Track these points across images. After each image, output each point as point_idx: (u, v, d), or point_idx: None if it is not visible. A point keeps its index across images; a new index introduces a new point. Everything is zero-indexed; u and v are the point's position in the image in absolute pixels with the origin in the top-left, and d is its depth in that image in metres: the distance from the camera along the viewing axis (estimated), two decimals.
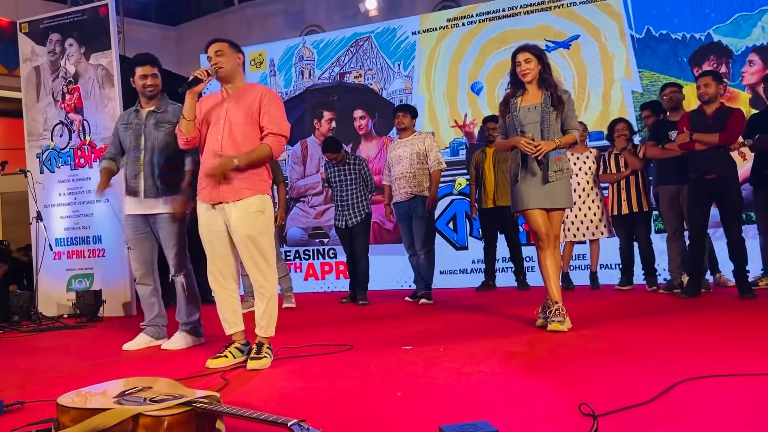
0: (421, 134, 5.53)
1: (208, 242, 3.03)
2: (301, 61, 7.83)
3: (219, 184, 2.94)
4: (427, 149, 5.34)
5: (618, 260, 5.64)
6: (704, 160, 4.47)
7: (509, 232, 6.03)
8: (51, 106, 6.06)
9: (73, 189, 5.94)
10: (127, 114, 3.73)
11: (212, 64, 3.01)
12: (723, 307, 4.15)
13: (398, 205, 5.42)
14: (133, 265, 3.75)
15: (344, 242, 5.73)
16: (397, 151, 5.46)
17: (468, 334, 3.55)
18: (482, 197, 6.01)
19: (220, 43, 3.06)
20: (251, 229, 2.94)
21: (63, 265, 5.89)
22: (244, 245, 2.95)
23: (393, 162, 5.46)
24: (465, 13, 7.17)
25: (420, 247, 5.32)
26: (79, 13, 6.08)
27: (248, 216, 2.95)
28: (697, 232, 4.60)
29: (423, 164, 5.33)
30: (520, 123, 3.59)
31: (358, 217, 5.53)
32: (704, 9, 6.09)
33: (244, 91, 3.05)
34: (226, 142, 2.96)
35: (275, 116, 3.00)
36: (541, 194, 3.57)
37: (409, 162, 5.32)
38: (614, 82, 6.42)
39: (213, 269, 3.04)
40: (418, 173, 5.32)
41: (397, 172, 5.39)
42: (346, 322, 4.47)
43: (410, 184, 5.32)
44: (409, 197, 5.32)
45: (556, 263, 3.64)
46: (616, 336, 3.23)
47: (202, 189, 3.03)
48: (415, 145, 5.36)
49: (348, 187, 5.56)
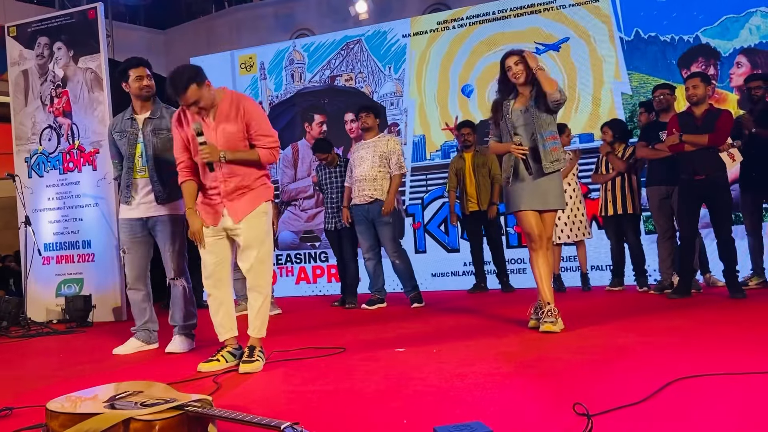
0: (386, 136, 5.38)
1: (208, 246, 3.01)
2: (292, 64, 7.82)
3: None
4: (389, 152, 5.18)
5: (609, 261, 5.67)
6: (693, 160, 4.50)
7: (492, 235, 6.06)
8: (39, 110, 6.01)
9: (62, 193, 5.90)
10: (121, 121, 3.67)
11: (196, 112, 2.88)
12: (713, 307, 4.17)
13: (357, 207, 5.24)
14: (127, 269, 3.72)
15: (333, 245, 5.73)
16: (359, 152, 5.27)
17: (460, 335, 3.55)
18: (464, 202, 6.03)
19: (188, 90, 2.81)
20: (256, 230, 2.95)
21: (52, 270, 5.84)
22: (249, 247, 2.94)
23: (355, 163, 5.27)
24: (455, 16, 7.19)
25: (392, 253, 5.20)
26: (68, 17, 6.04)
27: (253, 218, 2.95)
28: (686, 233, 4.62)
29: (385, 167, 5.18)
30: (513, 125, 3.60)
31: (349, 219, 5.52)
32: (692, 11, 6.14)
33: (222, 107, 2.93)
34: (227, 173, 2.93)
35: (264, 127, 2.97)
36: (533, 196, 3.58)
37: (371, 164, 5.15)
38: (604, 84, 6.46)
39: (211, 273, 3.02)
40: (379, 176, 5.16)
41: (358, 174, 5.20)
42: (337, 325, 4.45)
43: (371, 187, 5.16)
44: (369, 201, 5.17)
45: (549, 264, 3.65)
46: (608, 336, 3.24)
47: (206, 215, 3.00)
48: (378, 146, 5.20)
49: (339, 189, 5.56)
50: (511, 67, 3.61)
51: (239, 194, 2.96)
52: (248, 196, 2.98)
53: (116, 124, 3.70)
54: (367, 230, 5.25)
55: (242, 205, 2.96)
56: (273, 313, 5.29)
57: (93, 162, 5.79)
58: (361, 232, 5.30)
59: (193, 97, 2.83)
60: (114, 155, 3.72)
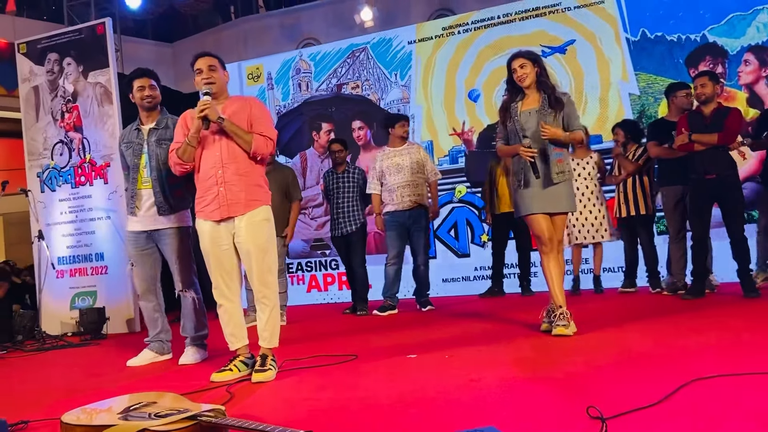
0: (415, 145, 5.59)
1: (213, 258, 3.02)
2: (299, 73, 7.86)
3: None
4: (423, 159, 5.43)
5: (621, 263, 5.63)
6: (704, 160, 4.47)
7: (521, 239, 6.03)
8: (50, 125, 6.08)
9: (74, 207, 5.95)
10: (128, 132, 3.71)
11: (205, 78, 2.99)
12: (728, 307, 4.13)
13: (396, 213, 5.33)
14: (136, 282, 3.74)
15: (341, 252, 5.74)
16: (393, 159, 5.38)
17: (472, 340, 3.53)
18: (495, 203, 6.02)
19: (212, 57, 3.07)
20: (260, 239, 2.96)
21: (66, 284, 5.88)
22: (252, 256, 2.95)
23: (390, 171, 5.36)
24: (460, 21, 7.20)
25: (422, 260, 5.41)
26: (77, 33, 6.12)
27: (256, 225, 2.97)
28: (699, 233, 4.58)
29: (422, 173, 5.39)
30: (521, 128, 3.59)
31: (354, 226, 5.53)
32: (698, 10, 6.11)
33: (231, 104, 3.05)
34: (226, 157, 2.96)
35: (265, 123, 3.06)
36: (544, 199, 3.56)
37: (410, 171, 5.34)
38: (611, 85, 6.43)
39: (219, 283, 3.03)
40: (419, 182, 5.37)
41: (398, 181, 5.33)
42: (349, 332, 4.45)
43: (415, 192, 5.33)
44: (412, 206, 5.32)
45: (560, 267, 3.63)
46: (621, 339, 3.22)
47: (205, 206, 3.01)
48: (412, 154, 5.40)
49: (345, 195, 5.55)
50: (516, 70, 3.61)
51: (237, 180, 2.95)
52: (247, 185, 2.97)
53: (124, 135, 3.73)
54: (399, 237, 5.36)
55: (241, 193, 2.94)
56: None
57: (104, 175, 5.84)
58: (393, 237, 5.37)
59: (214, 64, 3.03)
60: (124, 166, 3.75)
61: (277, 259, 3.09)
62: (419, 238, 5.36)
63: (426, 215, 5.44)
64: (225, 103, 3.04)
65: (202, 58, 3.04)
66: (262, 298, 2.98)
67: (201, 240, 3.06)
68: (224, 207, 2.95)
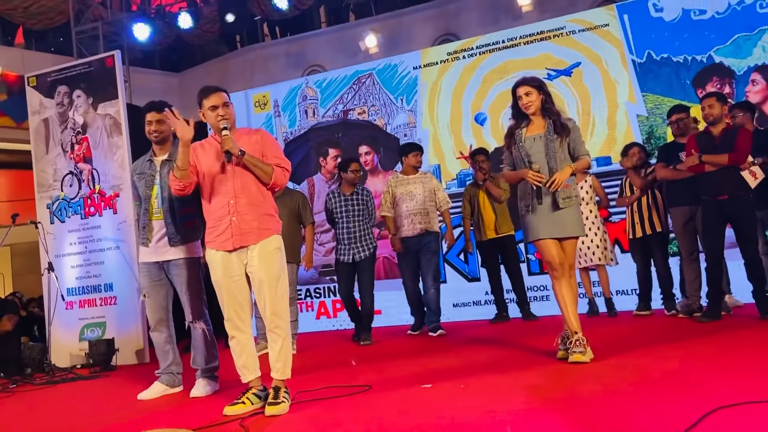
0: (427, 174, 5.83)
1: (225, 289, 3.00)
2: (305, 100, 7.91)
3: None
4: (435, 188, 5.66)
5: (635, 285, 5.56)
6: (715, 181, 4.44)
7: (509, 263, 5.97)
8: (60, 156, 6.12)
9: (83, 238, 5.96)
10: (141, 163, 3.74)
11: (221, 114, 3.00)
12: (746, 330, 4.06)
13: (407, 240, 5.55)
14: (149, 313, 3.72)
15: (346, 278, 5.46)
16: (407, 187, 5.63)
17: (487, 368, 3.48)
18: (481, 229, 5.98)
19: (224, 93, 3.06)
20: (273, 268, 2.96)
21: (75, 315, 5.87)
22: (265, 285, 2.94)
23: (403, 198, 5.60)
24: (465, 46, 7.25)
25: (432, 283, 5.49)
26: (86, 65, 6.19)
27: (269, 254, 2.96)
28: (713, 255, 4.53)
29: (432, 202, 5.62)
30: (526, 153, 3.58)
31: (367, 252, 5.39)
32: (703, 31, 6.13)
33: (240, 137, 3.07)
34: (238, 188, 2.98)
35: (278, 154, 3.10)
36: (552, 224, 3.53)
37: (423, 199, 5.56)
38: (618, 107, 6.43)
39: (231, 315, 3.01)
40: (430, 210, 5.59)
41: (410, 209, 5.56)
42: (361, 360, 4.40)
43: (424, 220, 5.53)
44: (422, 232, 5.51)
45: (573, 292, 3.58)
46: (640, 365, 3.16)
47: (217, 236, 3.01)
48: (425, 183, 5.64)
49: (355, 219, 5.39)
50: (521, 97, 3.61)
51: (250, 210, 2.96)
52: (259, 215, 2.98)
53: (137, 167, 3.76)
54: (411, 263, 5.57)
55: (253, 222, 2.95)
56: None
57: (113, 205, 5.85)
58: (408, 263, 5.60)
59: (224, 99, 3.03)
60: (135, 197, 3.78)
61: (288, 288, 3.07)
62: (428, 261, 5.47)
63: (435, 240, 5.57)
64: (235, 136, 3.05)
65: (215, 93, 3.04)
66: (274, 328, 2.95)
67: (212, 271, 3.05)
68: (237, 236, 2.95)
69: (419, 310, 5.71)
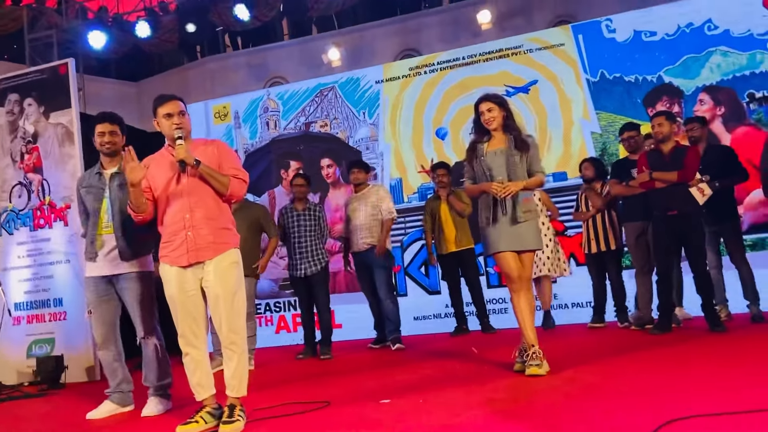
0: (374, 186, 5.86)
1: (180, 304, 2.92)
2: (266, 112, 7.86)
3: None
4: (380, 200, 5.63)
5: (589, 297, 5.67)
6: (665, 197, 4.58)
7: (469, 276, 6.03)
8: (9, 167, 5.91)
9: (32, 251, 5.74)
10: (89, 176, 3.62)
11: (177, 123, 2.93)
12: (696, 343, 4.18)
13: (358, 255, 5.65)
14: (95, 330, 3.59)
15: (301, 293, 5.55)
16: (353, 204, 5.73)
17: (446, 382, 3.49)
18: (442, 243, 6.01)
19: (180, 102, 3.00)
20: (229, 282, 2.90)
21: (23, 331, 5.64)
22: (221, 300, 2.87)
23: (351, 215, 5.71)
24: (426, 62, 7.33)
25: (385, 295, 5.54)
26: (39, 73, 6.00)
27: (225, 269, 2.90)
28: (663, 268, 4.67)
29: (378, 215, 5.60)
30: (488, 167, 3.63)
31: (318, 266, 5.40)
32: (654, 52, 6.35)
33: (196, 147, 2.99)
34: (194, 201, 2.91)
35: (236, 165, 3.05)
36: (511, 237, 3.59)
37: (365, 214, 5.59)
38: (573, 124, 6.59)
39: (185, 332, 2.94)
40: (374, 224, 5.58)
41: (357, 224, 5.62)
42: (319, 376, 4.36)
43: (368, 234, 5.57)
44: (368, 247, 5.56)
45: (531, 305, 3.64)
46: (595, 377, 3.22)
47: (172, 251, 2.93)
48: (368, 197, 5.66)
49: (306, 234, 5.42)
50: (483, 113, 3.67)
51: (206, 224, 2.89)
52: (215, 229, 2.91)
53: (84, 180, 3.64)
54: (365, 276, 5.66)
55: (209, 236, 2.89)
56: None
57: (64, 218, 5.67)
58: (360, 278, 5.74)
59: (180, 108, 2.95)
60: (81, 211, 3.64)
61: (245, 302, 3.02)
62: (379, 275, 5.56)
63: (386, 254, 5.62)
64: (190, 147, 2.97)
65: (171, 102, 2.97)
66: (230, 344, 2.89)
67: (166, 286, 2.97)
68: (192, 252, 2.88)
69: (381, 323, 5.73)
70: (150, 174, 2.96)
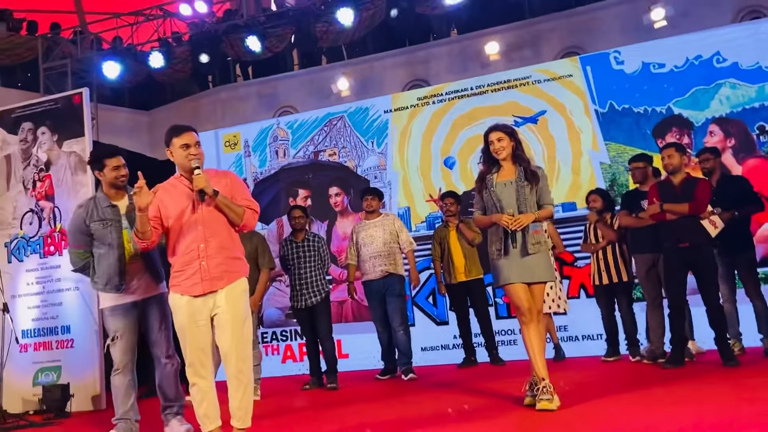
0: (389, 215, 5.87)
1: (190, 334, 2.91)
2: (276, 141, 7.92)
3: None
4: (397, 230, 5.67)
5: (600, 330, 5.60)
6: (676, 229, 4.55)
7: (478, 306, 5.98)
8: (21, 194, 5.96)
9: (42, 278, 5.75)
10: (98, 210, 3.59)
11: (194, 154, 2.95)
12: (710, 378, 4.11)
13: (371, 283, 5.60)
14: (119, 355, 3.57)
15: (304, 324, 5.50)
16: (368, 231, 5.68)
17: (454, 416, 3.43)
18: (451, 272, 5.97)
19: (194, 132, 3.02)
20: (239, 310, 2.92)
21: (29, 358, 5.62)
22: (230, 328, 2.87)
23: (365, 242, 5.66)
24: (434, 92, 7.39)
25: (399, 325, 5.50)
26: (53, 102, 6.09)
27: (236, 298, 2.93)
28: (675, 301, 4.61)
29: (395, 243, 5.62)
30: (498, 198, 3.63)
31: (319, 296, 5.37)
32: (663, 84, 6.37)
33: (210, 177, 3.00)
34: (208, 231, 2.93)
35: (247, 196, 3.11)
36: (522, 268, 3.56)
37: (383, 241, 5.58)
38: (582, 155, 6.60)
39: (194, 361, 2.92)
40: (391, 252, 5.59)
41: (371, 252, 5.60)
42: (327, 407, 4.30)
43: (386, 262, 5.56)
44: (384, 275, 5.54)
45: (541, 338, 3.60)
46: (607, 412, 3.16)
47: (184, 280, 2.93)
48: (386, 225, 5.66)
49: (306, 264, 5.40)
50: (493, 142, 3.68)
51: (219, 254, 2.92)
52: (227, 258, 2.94)
53: (92, 214, 3.59)
54: (378, 305, 5.60)
55: (222, 266, 2.91)
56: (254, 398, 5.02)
57: None
58: (373, 307, 5.67)
59: (197, 138, 2.99)
60: (81, 245, 3.62)
61: (252, 331, 3.02)
62: (393, 303, 5.52)
63: (399, 282, 5.60)
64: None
65: (187, 132, 2.99)
66: (237, 373, 2.88)
67: (176, 316, 2.98)
68: (207, 281, 2.90)
69: (389, 354, 5.66)
70: (161, 203, 2.97)
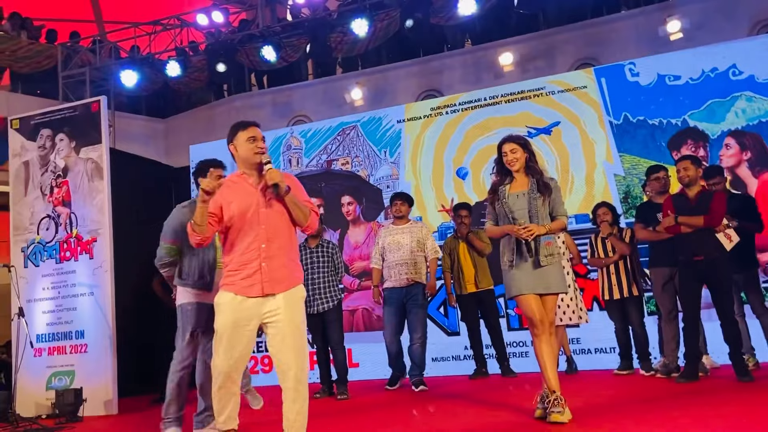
0: (417, 223, 5.84)
1: (228, 339, 2.80)
2: (289, 149, 7.97)
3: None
4: (424, 238, 5.61)
5: (613, 343, 5.55)
6: (691, 242, 4.51)
7: (489, 318, 5.94)
8: (39, 199, 6.05)
9: (57, 283, 5.83)
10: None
11: (261, 147, 2.91)
12: (725, 393, 4.06)
13: (393, 290, 5.51)
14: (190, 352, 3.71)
15: (315, 331, 5.43)
16: (395, 237, 5.60)
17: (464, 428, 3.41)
18: (461, 283, 5.94)
19: (259, 128, 2.99)
20: (298, 317, 2.86)
21: (43, 362, 5.68)
22: (290, 335, 2.80)
23: (391, 248, 5.57)
24: (448, 102, 7.41)
25: (419, 335, 5.44)
26: (71, 110, 6.19)
27: (296, 303, 2.88)
28: (690, 315, 4.57)
29: (421, 251, 5.56)
30: (510, 209, 3.63)
31: (331, 303, 5.34)
32: (678, 96, 6.34)
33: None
34: (271, 231, 2.85)
35: (308, 198, 3.04)
36: (535, 279, 3.55)
37: (410, 249, 5.53)
38: (596, 166, 6.57)
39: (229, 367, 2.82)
40: (418, 260, 5.53)
41: (397, 259, 5.53)
42: (335, 416, 4.29)
43: (411, 270, 5.49)
44: (409, 283, 5.48)
45: (553, 350, 3.58)
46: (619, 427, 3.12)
47: (241, 279, 2.82)
48: (414, 233, 5.60)
49: (319, 271, 5.38)
50: (507, 154, 3.68)
51: (280, 255, 2.85)
52: (287, 260, 2.88)
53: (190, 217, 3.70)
54: (395, 313, 5.52)
55: (284, 269, 2.84)
56: (257, 407, 4.94)
57: (90, 250, 5.76)
58: (390, 313, 5.54)
59: (261, 134, 2.95)
60: (178, 241, 3.71)
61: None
62: (415, 313, 5.46)
63: (423, 292, 5.53)
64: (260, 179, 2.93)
65: (253, 126, 2.95)
66: (297, 384, 2.78)
67: (219, 315, 2.84)
68: (267, 283, 2.81)
69: (398, 363, 5.62)
70: (224, 199, 2.87)
